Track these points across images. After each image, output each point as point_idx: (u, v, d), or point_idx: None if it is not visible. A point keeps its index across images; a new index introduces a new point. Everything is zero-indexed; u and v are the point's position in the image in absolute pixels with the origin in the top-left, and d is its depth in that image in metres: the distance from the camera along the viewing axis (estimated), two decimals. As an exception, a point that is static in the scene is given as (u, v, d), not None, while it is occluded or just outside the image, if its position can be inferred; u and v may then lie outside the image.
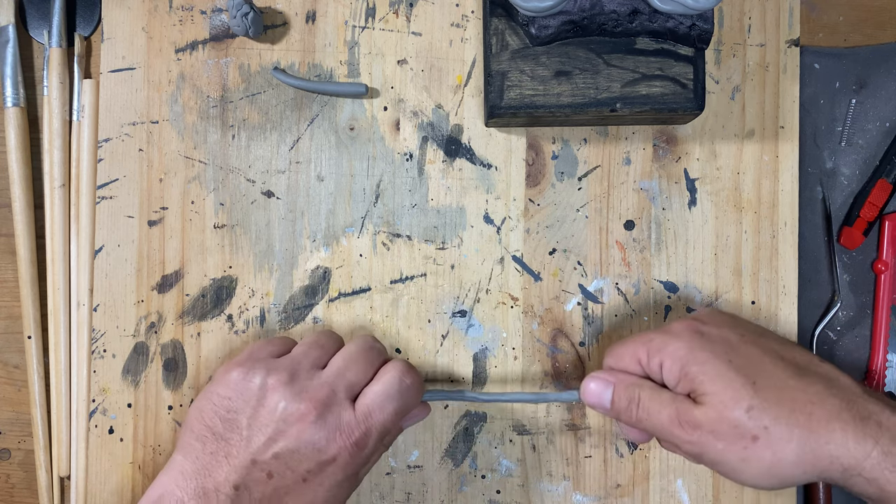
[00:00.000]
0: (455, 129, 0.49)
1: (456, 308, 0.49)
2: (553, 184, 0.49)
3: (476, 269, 0.49)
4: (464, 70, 0.49)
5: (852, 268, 0.50)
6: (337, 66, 0.49)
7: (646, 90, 0.44)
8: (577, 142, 0.49)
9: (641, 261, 0.49)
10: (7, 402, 0.51)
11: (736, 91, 0.49)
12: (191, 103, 0.49)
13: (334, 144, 0.49)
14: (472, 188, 0.49)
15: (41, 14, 0.51)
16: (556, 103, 0.44)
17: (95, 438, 0.48)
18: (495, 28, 0.45)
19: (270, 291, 0.49)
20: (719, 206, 0.49)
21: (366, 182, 0.49)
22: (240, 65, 0.49)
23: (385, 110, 0.49)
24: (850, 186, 0.50)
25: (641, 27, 0.43)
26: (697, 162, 0.49)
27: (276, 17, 0.49)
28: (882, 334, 0.49)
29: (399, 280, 0.49)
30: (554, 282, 0.49)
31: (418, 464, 0.49)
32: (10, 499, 0.51)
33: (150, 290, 0.49)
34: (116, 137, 0.49)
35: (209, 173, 0.49)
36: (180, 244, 0.49)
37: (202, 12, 0.49)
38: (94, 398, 0.49)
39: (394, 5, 0.49)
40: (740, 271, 0.49)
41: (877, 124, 0.50)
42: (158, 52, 0.49)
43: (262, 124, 0.49)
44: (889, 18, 0.50)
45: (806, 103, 0.50)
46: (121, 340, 0.49)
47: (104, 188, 0.49)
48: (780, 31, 0.49)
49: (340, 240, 0.49)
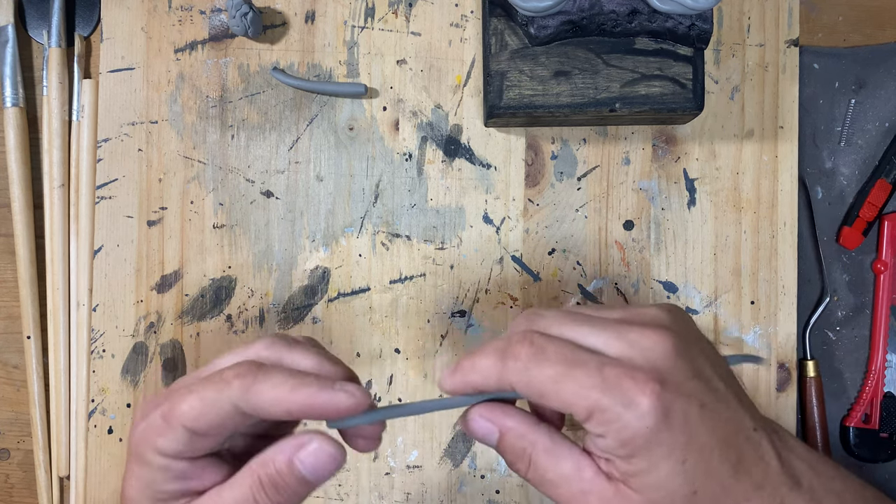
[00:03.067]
0: (454, 129, 0.49)
1: (455, 308, 0.49)
2: (552, 184, 0.49)
3: (475, 269, 0.49)
4: (463, 70, 0.49)
5: (852, 268, 0.50)
6: (336, 66, 0.49)
7: (645, 90, 0.44)
8: (577, 142, 0.49)
9: (641, 261, 0.49)
10: (6, 402, 0.51)
11: (735, 91, 0.49)
12: (190, 103, 0.49)
13: (333, 144, 0.49)
14: (472, 188, 0.49)
15: (41, 14, 0.51)
16: (555, 103, 0.44)
17: (95, 438, 0.48)
18: (494, 28, 0.45)
19: (270, 291, 0.49)
20: (718, 206, 0.49)
21: (365, 182, 0.49)
22: (239, 65, 0.49)
23: (384, 110, 0.49)
24: (850, 186, 0.50)
25: (640, 27, 0.43)
26: (697, 162, 0.49)
27: (275, 17, 0.49)
28: (882, 334, 0.49)
29: (398, 280, 0.49)
30: (553, 282, 0.49)
31: (417, 464, 0.49)
32: (10, 499, 0.51)
33: (150, 290, 0.49)
34: (116, 137, 0.49)
35: (208, 173, 0.49)
36: (179, 244, 0.49)
37: (201, 12, 0.49)
38: (94, 398, 0.49)
39: (393, 5, 0.49)
40: (739, 271, 0.49)
41: (876, 124, 0.50)
42: (158, 52, 0.49)
43: (261, 124, 0.49)
44: (888, 18, 0.50)
45: (805, 103, 0.50)
46: (120, 340, 0.49)
47: (103, 188, 0.49)
48: (779, 31, 0.49)
49: (340, 240, 0.49)
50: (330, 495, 0.48)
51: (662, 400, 0.30)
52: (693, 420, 0.31)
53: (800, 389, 0.49)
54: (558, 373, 0.30)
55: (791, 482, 0.33)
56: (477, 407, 0.32)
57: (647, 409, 0.29)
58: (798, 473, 0.33)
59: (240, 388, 0.30)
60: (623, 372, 0.30)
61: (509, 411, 0.32)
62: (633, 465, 0.30)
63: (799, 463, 0.34)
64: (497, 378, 0.31)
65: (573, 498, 0.31)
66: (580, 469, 0.31)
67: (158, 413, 0.30)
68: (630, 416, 0.29)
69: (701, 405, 0.31)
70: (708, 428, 0.31)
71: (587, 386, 0.30)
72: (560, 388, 0.30)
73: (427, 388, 0.48)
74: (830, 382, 0.50)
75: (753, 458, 0.33)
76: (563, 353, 0.30)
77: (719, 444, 0.31)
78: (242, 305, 0.49)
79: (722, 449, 0.31)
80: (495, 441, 0.32)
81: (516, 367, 0.30)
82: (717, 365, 0.34)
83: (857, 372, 0.50)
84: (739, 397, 0.33)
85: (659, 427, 0.30)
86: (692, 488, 0.30)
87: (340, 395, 0.30)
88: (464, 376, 0.32)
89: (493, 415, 0.32)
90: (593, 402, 0.29)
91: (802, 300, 0.49)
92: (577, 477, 0.31)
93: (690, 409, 0.31)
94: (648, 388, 0.30)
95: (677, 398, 0.30)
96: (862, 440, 0.49)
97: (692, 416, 0.31)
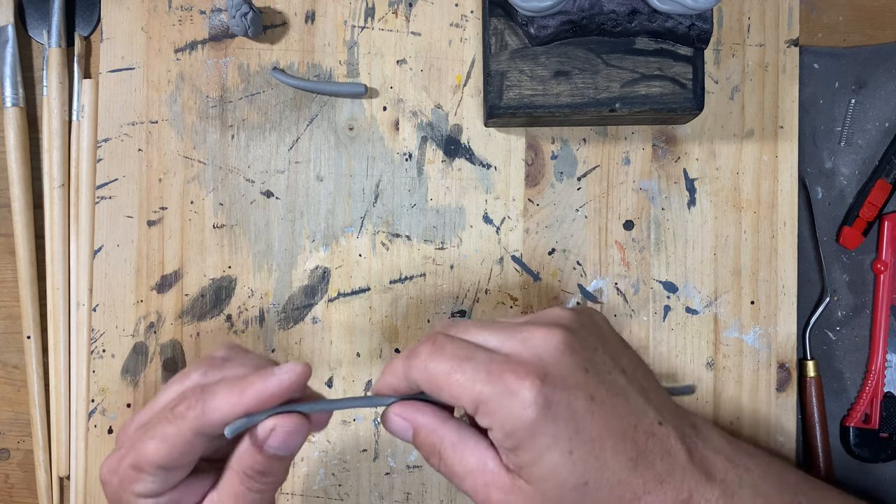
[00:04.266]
0: (454, 129, 0.49)
1: (455, 308, 0.49)
2: (552, 184, 0.49)
3: (475, 269, 0.49)
4: (463, 70, 0.49)
5: (852, 268, 0.50)
6: (336, 66, 0.49)
7: (645, 90, 0.44)
8: (577, 142, 0.49)
9: (641, 261, 0.49)
10: (6, 402, 0.51)
11: (735, 91, 0.49)
12: (190, 103, 0.49)
13: (333, 144, 0.49)
14: (472, 188, 0.49)
15: (40, 14, 0.51)
16: (555, 103, 0.44)
17: (95, 438, 0.48)
18: (494, 28, 0.45)
19: (270, 291, 0.49)
20: (718, 206, 0.49)
21: (365, 182, 0.49)
22: (239, 65, 0.49)
23: (384, 110, 0.49)
24: (850, 187, 0.50)
25: (640, 27, 0.43)
26: (697, 162, 0.49)
27: (275, 17, 0.49)
28: (881, 334, 0.49)
29: (398, 280, 0.49)
30: (553, 282, 0.49)
31: (417, 464, 0.49)
32: (10, 499, 0.51)
33: (150, 290, 0.49)
34: (116, 137, 0.49)
35: (208, 173, 0.49)
36: (179, 244, 0.49)
37: (201, 12, 0.49)
38: (94, 398, 0.49)
39: (393, 5, 0.49)
40: (739, 271, 0.49)
41: (876, 124, 0.50)
42: (158, 52, 0.49)
43: (261, 124, 0.49)
44: (888, 18, 0.50)
45: (805, 103, 0.50)
46: (120, 340, 0.49)
47: (103, 188, 0.49)
48: (779, 31, 0.49)
49: (340, 240, 0.49)
50: (330, 495, 0.49)
51: (543, 392, 0.31)
52: (580, 412, 0.31)
53: (800, 389, 0.49)
54: (451, 367, 0.32)
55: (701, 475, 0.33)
56: (393, 406, 0.34)
57: (528, 400, 0.30)
58: (710, 465, 0.34)
59: (195, 417, 0.32)
60: (507, 366, 0.31)
61: (422, 409, 0.34)
62: (520, 456, 0.31)
63: (714, 455, 0.34)
64: (404, 375, 0.33)
65: (477, 489, 0.32)
66: (484, 462, 0.32)
67: (126, 464, 0.32)
68: (512, 407, 0.30)
69: (590, 398, 0.32)
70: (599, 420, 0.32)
71: (473, 379, 0.31)
72: (451, 381, 0.31)
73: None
74: (830, 382, 0.50)
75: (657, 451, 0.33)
76: (458, 351, 0.32)
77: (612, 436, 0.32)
78: (242, 305, 0.49)
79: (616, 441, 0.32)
80: (410, 437, 0.34)
81: (417, 364, 0.32)
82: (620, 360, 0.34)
83: (857, 372, 0.50)
84: (646, 393, 0.34)
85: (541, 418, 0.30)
86: (582, 479, 0.31)
87: (284, 376, 0.32)
88: (383, 378, 0.34)
89: (406, 412, 0.34)
90: (477, 393, 0.31)
91: (802, 300, 0.49)
92: (481, 469, 0.32)
93: (576, 402, 0.31)
94: (529, 381, 0.31)
95: (561, 391, 0.31)
96: (862, 440, 0.49)
97: (579, 408, 0.31)
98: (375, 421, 0.48)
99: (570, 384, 0.32)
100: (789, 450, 0.48)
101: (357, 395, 0.49)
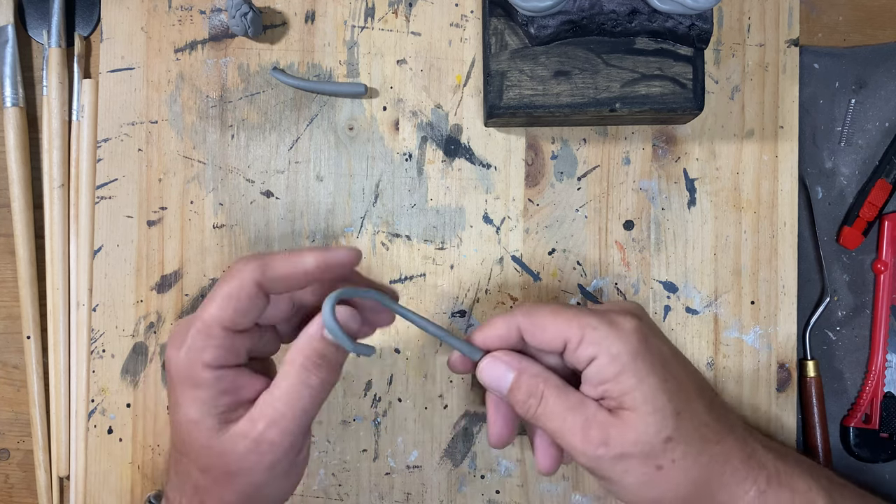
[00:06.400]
0: (454, 128, 0.49)
1: (455, 308, 0.49)
2: (552, 184, 0.49)
3: (475, 269, 0.49)
4: (463, 70, 0.49)
5: (852, 268, 0.50)
6: (336, 66, 0.49)
7: (645, 90, 0.44)
8: (577, 142, 0.49)
9: (641, 261, 0.49)
10: (6, 402, 0.51)
11: (735, 91, 0.49)
12: (190, 103, 0.49)
13: (333, 144, 0.49)
14: (472, 188, 0.49)
15: (40, 14, 0.51)
16: (555, 103, 0.44)
17: (94, 438, 0.48)
18: (494, 28, 0.45)
19: (270, 291, 0.49)
20: (719, 206, 0.49)
21: (365, 182, 0.49)
22: (239, 65, 0.49)
23: (384, 110, 0.49)
24: (850, 187, 0.50)
25: (641, 27, 0.43)
26: (697, 162, 0.49)
27: (275, 16, 0.49)
28: (882, 334, 0.49)
29: (398, 280, 0.49)
30: (553, 282, 0.49)
31: (417, 464, 0.49)
32: (10, 499, 0.51)
33: (150, 290, 0.49)
34: (115, 137, 0.49)
35: (208, 173, 0.49)
36: (179, 244, 0.49)
37: (201, 12, 0.49)
38: (94, 398, 0.49)
39: (393, 5, 0.49)
40: (740, 271, 0.49)
41: (876, 124, 0.50)
42: (158, 52, 0.49)
43: (261, 124, 0.49)
44: (889, 18, 0.50)
45: (805, 103, 0.50)
46: (120, 340, 0.49)
47: (103, 188, 0.49)
48: (779, 30, 0.49)
49: (339, 240, 0.49)
50: (330, 495, 0.49)
51: (641, 328, 0.36)
52: (667, 355, 0.36)
53: (800, 389, 0.49)
54: (554, 310, 0.36)
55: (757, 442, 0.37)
56: (496, 352, 0.37)
57: (631, 328, 0.35)
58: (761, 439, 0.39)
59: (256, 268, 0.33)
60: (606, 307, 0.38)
61: (523, 356, 0.37)
62: (623, 382, 0.34)
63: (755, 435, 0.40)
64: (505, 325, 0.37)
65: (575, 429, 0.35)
66: (584, 403, 0.35)
67: (194, 331, 0.33)
68: (618, 333, 0.35)
69: (673, 352, 0.37)
70: (680, 367, 0.37)
71: (579, 314, 0.36)
72: (557, 317, 0.36)
73: (427, 387, 0.48)
74: (830, 382, 0.50)
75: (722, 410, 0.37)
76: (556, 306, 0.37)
77: (691, 382, 0.36)
78: (242, 305, 0.49)
79: (695, 387, 0.36)
80: (509, 381, 0.36)
81: (522, 310, 0.37)
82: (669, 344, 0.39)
83: (857, 372, 0.50)
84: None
85: (642, 346, 0.35)
86: (676, 408, 0.34)
87: (341, 250, 0.34)
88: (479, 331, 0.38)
89: (510, 358, 0.37)
90: (585, 323, 0.35)
91: (802, 300, 0.49)
92: (582, 407, 0.35)
93: (663, 347, 0.36)
94: (629, 317, 0.36)
95: (652, 335, 0.36)
96: (862, 440, 0.49)
97: (665, 352, 0.36)
98: (375, 421, 0.49)
99: (656, 332, 0.37)
100: (789, 450, 0.48)
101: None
